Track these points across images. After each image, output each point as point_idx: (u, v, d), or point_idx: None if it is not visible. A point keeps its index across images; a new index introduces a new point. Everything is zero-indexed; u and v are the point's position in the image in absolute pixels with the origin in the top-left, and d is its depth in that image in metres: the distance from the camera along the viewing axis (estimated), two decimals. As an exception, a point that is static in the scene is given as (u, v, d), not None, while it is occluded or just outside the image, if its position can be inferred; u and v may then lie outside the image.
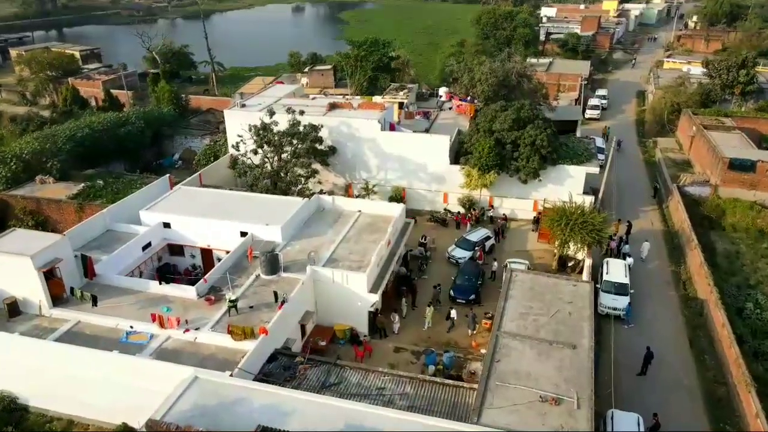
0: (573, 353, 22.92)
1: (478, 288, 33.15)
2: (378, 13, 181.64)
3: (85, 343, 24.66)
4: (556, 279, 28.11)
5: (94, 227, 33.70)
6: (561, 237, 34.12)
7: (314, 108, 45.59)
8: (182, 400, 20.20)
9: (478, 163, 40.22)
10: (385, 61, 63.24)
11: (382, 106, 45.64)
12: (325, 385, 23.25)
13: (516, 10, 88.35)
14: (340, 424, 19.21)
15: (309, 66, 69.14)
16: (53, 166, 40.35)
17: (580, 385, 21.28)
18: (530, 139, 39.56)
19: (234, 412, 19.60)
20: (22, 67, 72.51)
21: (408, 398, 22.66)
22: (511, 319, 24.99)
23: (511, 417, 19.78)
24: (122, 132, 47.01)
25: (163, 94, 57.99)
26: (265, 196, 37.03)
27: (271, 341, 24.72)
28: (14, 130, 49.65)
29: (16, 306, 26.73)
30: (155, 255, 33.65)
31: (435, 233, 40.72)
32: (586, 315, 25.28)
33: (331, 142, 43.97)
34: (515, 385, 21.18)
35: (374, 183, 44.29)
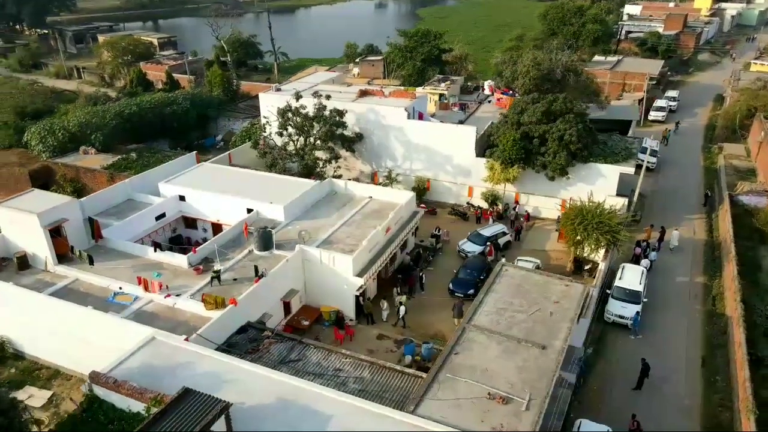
0: (540, 354, 21.37)
1: (478, 283, 31.72)
2: (457, 10, 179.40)
3: (77, 300, 26.06)
4: (548, 278, 26.35)
5: (116, 195, 35.57)
6: (574, 237, 32.01)
7: (346, 94, 45.67)
8: (134, 358, 20.85)
9: (501, 156, 38.60)
10: (435, 53, 62.18)
11: (412, 95, 44.89)
12: (284, 361, 23.15)
13: (587, 5, 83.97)
14: (272, 397, 19.03)
15: (361, 57, 69.36)
16: (96, 139, 43.06)
17: (537, 387, 19.79)
18: (559, 133, 37.44)
19: (176, 375, 19.93)
20: (103, 51, 78.07)
21: (362, 382, 22.09)
22: (486, 313, 23.70)
23: (450, 411, 18.73)
24: (167, 111, 49.37)
25: (215, 78, 60.35)
26: (280, 177, 37.54)
27: (241, 313, 24.95)
28: (78, 105, 53.41)
29: (25, 260, 28.72)
30: (169, 226, 35.00)
31: (453, 227, 39.56)
32: (568, 317, 23.50)
33: (359, 129, 43.82)
34: (466, 379, 20.04)
35: (399, 172, 43.68)
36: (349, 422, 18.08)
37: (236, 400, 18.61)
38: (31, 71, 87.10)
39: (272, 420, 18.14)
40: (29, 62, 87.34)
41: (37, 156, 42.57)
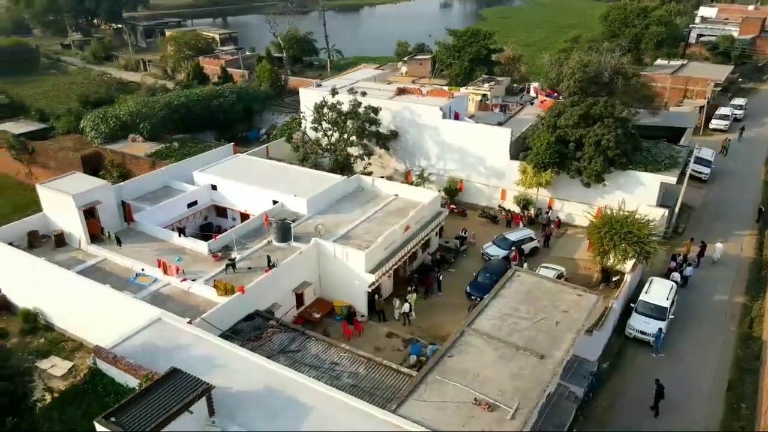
0: (538, 363, 20.65)
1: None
2: (522, 11, 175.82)
3: (102, 278, 27.55)
4: (561, 286, 25.40)
5: (154, 181, 37.22)
6: (600, 247, 30.69)
7: (384, 92, 45.79)
8: (138, 336, 21.76)
9: (534, 159, 37.54)
10: (483, 54, 61.18)
11: (450, 94, 44.40)
12: (284, 351, 23.50)
13: (652, 6, 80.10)
14: (260, 384, 19.37)
15: (409, 55, 69.24)
16: (144, 128, 45.20)
17: (528, 396, 19.16)
18: (596, 138, 36.01)
19: (174, 355, 20.63)
20: (166, 46, 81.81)
21: (356, 378, 22.11)
22: (488, 318, 23.14)
23: (432, 413, 18.44)
24: (214, 104, 51.14)
25: (263, 73, 61.95)
26: (310, 171, 38.10)
27: (249, 301, 25.52)
28: (134, 96, 56.24)
29: (62, 238, 30.57)
30: (200, 213, 36.28)
31: (482, 229, 38.88)
32: (575, 328, 22.57)
33: (394, 127, 43.82)
34: (455, 383, 19.65)
35: (432, 172, 43.33)
36: (329, 415, 18.15)
37: (224, 384, 19.16)
38: (103, 63, 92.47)
39: (255, 406, 18.47)
40: (102, 55, 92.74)
41: (90, 142, 45.18)
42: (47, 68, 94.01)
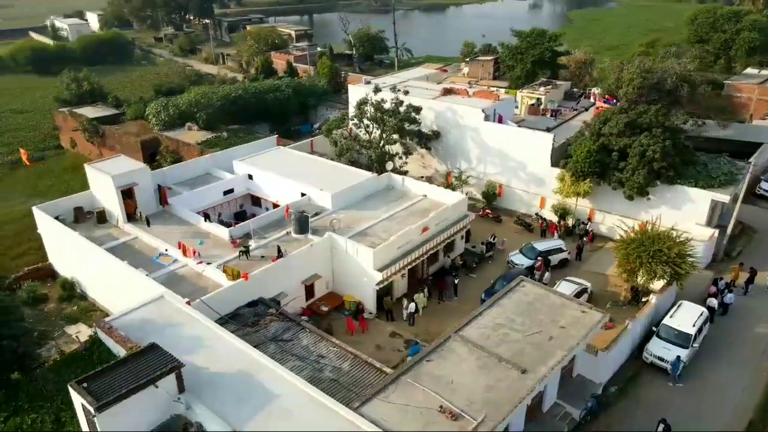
0: (518, 377, 19.82)
1: (512, 297, 30.05)
2: (615, 13, 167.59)
3: (130, 255, 29.49)
4: (567, 301, 24.14)
5: (197, 167, 39.19)
6: (626, 264, 28.82)
7: (431, 92, 45.45)
8: (139, 311, 23.05)
9: (572, 167, 35.88)
10: (547, 56, 59.00)
11: (496, 96, 43.30)
12: (276, 339, 24.05)
13: (745, 10, 73.67)
14: (235, 368, 19.97)
15: (471, 56, 68.11)
16: (200, 117, 47.64)
17: (498, 409, 18.46)
18: (640, 148, 33.87)
19: (164, 333, 21.63)
20: (243, 41, 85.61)
21: (338, 372, 22.26)
22: (479, 326, 22.46)
23: (394, 415, 18.21)
24: (270, 97, 52.96)
25: (323, 69, 63.26)
26: (343, 167, 38.55)
27: (253, 288, 26.30)
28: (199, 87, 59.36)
29: (103, 215, 32.93)
30: (235, 201, 37.78)
31: (515, 237, 37.69)
32: (569, 345, 21.43)
33: (437, 127, 43.44)
34: (426, 387, 19.29)
35: (472, 175, 42.55)
36: (291, 405, 18.40)
37: (202, 365, 19.99)
38: (188, 56, 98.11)
39: (225, 389, 19.06)
40: (187, 48, 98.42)
41: (152, 128, 48.27)
42: (139, 59, 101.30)
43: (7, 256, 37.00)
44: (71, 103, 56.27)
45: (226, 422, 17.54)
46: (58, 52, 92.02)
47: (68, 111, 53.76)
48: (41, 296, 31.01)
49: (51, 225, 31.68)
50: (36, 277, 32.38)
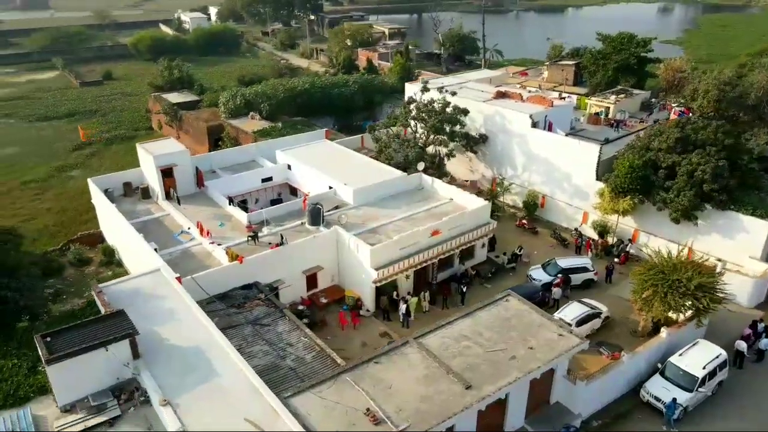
0: (459, 392, 19.07)
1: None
2: (753, 19, 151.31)
3: (156, 230, 32.01)
4: (547, 322, 22.66)
5: (243, 154, 41.36)
6: (641, 292, 26.26)
7: (485, 94, 44.22)
8: (135, 280, 25.02)
9: (613, 183, 33.31)
10: (632, 62, 54.85)
11: (550, 102, 41.13)
12: (254, 322, 24.96)
13: None
14: (193, 343, 21.06)
15: (553, 60, 64.97)
16: (263, 108, 50.07)
17: (425, 420, 17.90)
18: (689, 167, 30.70)
19: (147, 302, 23.27)
20: (333, 37, 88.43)
21: (298, 362, 22.66)
22: (443, 336, 21.84)
23: (319, 411, 18.32)
24: (335, 92, 54.35)
25: (395, 67, 63.55)
26: (379, 164, 38.60)
27: (247, 272, 27.36)
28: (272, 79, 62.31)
29: (147, 191, 35.87)
30: (273, 189, 39.36)
31: (547, 251, 35.79)
32: (528, 367, 20.17)
33: (485, 131, 42.28)
34: (361, 388, 19.15)
35: (516, 182, 40.97)
36: (228, 384, 19.06)
37: (166, 336, 21.37)
38: (287, 50, 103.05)
39: (177, 361, 20.16)
40: (287, 42, 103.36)
41: (220, 115, 51.54)
42: (245, 52, 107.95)
43: (77, 221, 41.49)
44: (162, 88, 61.54)
45: (161, 391, 18.62)
46: (174, 43, 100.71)
47: (157, 95, 58.90)
48: (86, 259, 34.46)
49: (98, 196, 35.09)
50: (87, 242, 36.00)
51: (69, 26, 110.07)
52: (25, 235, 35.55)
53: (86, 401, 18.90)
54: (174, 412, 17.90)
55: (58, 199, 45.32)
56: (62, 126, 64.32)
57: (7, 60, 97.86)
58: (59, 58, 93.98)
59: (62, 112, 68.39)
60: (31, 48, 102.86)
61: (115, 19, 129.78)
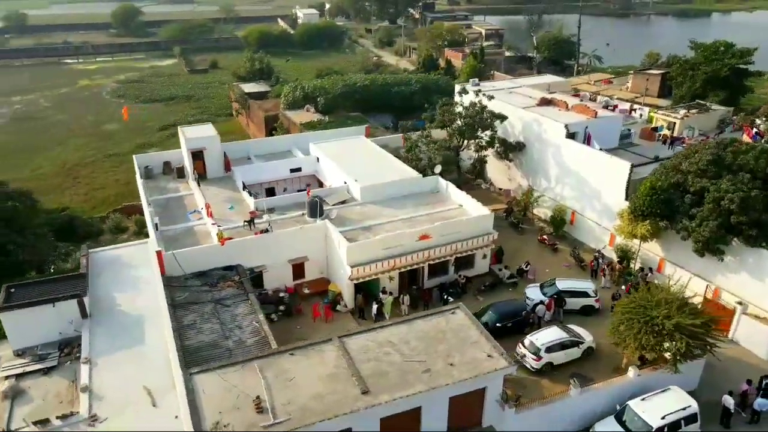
0: (354, 396, 18.82)
1: (492, 329, 27.32)
2: None
3: (176, 207, 34.66)
4: (484, 340, 21.41)
5: (281, 144, 43.18)
6: (617, 326, 23.75)
7: (531, 100, 42.17)
8: (123, 249, 27.99)
9: (632, 204, 30.40)
10: (724, 74, 49.15)
11: (593, 113, 38.17)
12: (218, 301, 26.23)
13: None
14: (141, 313, 22.85)
15: (638, 69, 59.82)
16: (318, 102, 51.77)
17: (304, 417, 17.95)
18: (717, 194, 27.18)
19: (122, 270, 25.80)
20: (423, 36, 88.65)
21: (238, 344, 23.39)
22: (369, 339, 21.60)
23: (214, 390, 18.99)
24: (393, 91, 54.68)
25: (466, 68, 62.25)
26: (401, 165, 38.27)
27: (228, 254, 28.72)
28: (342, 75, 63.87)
29: (182, 171, 38.76)
30: (301, 180, 40.71)
31: (560, 270, 33.51)
32: (440, 382, 19.35)
33: (523, 139, 40.40)
34: (264, 376, 19.59)
35: (546, 194, 38.76)
36: (149, 353, 20.58)
37: (120, 301, 23.46)
38: (384, 47, 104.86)
39: (118, 324, 22.10)
40: (385, 40, 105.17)
41: (280, 106, 54.14)
42: (346, 48, 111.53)
43: (135, 194, 45.97)
44: (245, 78, 65.79)
45: (89, 350, 20.47)
46: (280, 37, 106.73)
47: (236, 85, 63.14)
48: (123, 227, 38.23)
49: (138, 174, 38.59)
50: (128, 212, 39.88)
51: (195, 19, 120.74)
52: (94, 199, 40.31)
53: (35, 349, 21.31)
54: (89, 369, 19.61)
55: (128, 172, 50.36)
56: (160, 108, 71.18)
57: (139, 48, 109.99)
58: (179, 47, 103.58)
59: (164, 96, 75.61)
60: (160, 37, 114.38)
61: (237, 13, 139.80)
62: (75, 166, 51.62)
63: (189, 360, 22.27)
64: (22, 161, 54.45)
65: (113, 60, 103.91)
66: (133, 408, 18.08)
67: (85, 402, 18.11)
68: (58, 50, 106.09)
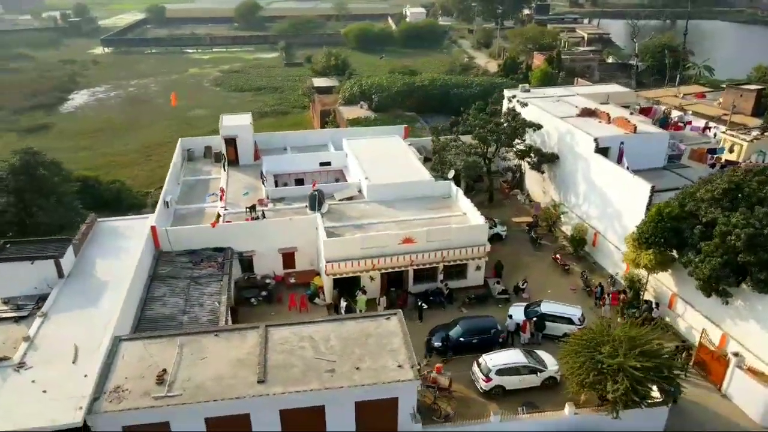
0: (249, 383, 19.29)
1: (455, 344, 26.50)
2: None
3: (200, 188, 37.40)
4: (404, 350, 20.76)
5: (318, 138, 44.46)
6: (571, 369, 21.74)
7: (574, 110, 39.55)
8: (127, 221, 30.43)
9: (637, 230, 27.62)
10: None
11: (633, 127, 34.86)
12: (194, 278, 27.98)
13: None
14: (109, 278, 25.01)
15: (733, 83, 53.17)
16: (372, 99, 52.43)
17: (196, 396, 18.79)
18: (724, 228, 23.95)
19: (118, 239, 28.25)
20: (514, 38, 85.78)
21: (193, 321, 24.94)
22: (294, 331, 21.86)
23: (132, 356, 20.36)
24: (452, 93, 53.86)
25: (537, 73, 59.32)
26: (420, 167, 37.80)
27: (218, 237, 30.46)
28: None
29: (220, 155, 41.29)
30: (330, 174, 41.66)
31: (566, 295, 31.34)
32: (333, 384, 19.25)
33: (557, 150, 38.13)
34: (179, 351, 20.68)
35: (574, 211, 36.32)
36: (96, 315, 22.48)
37: (99, 266, 25.95)
38: (481, 48, 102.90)
39: (85, 285, 24.44)
40: (482, 41, 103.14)
41: (337, 101, 55.58)
42: (443, 48, 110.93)
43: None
44: (320, 73, 68.25)
45: (50, 306, 22.93)
46: (379, 35, 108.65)
47: (308, 78, 65.70)
48: (162, 203, 41.63)
49: (177, 153, 41.69)
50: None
51: (305, 15, 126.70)
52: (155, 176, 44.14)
53: (18, 300, 24.25)
54: (40, 322, 22.02)
55: (192, 154, 54.66)
56: (247, 97, 76.02)
57: (250, 41, 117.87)
58: (283, 42, 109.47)
59: (254, 86, 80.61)
60: (272, 32, 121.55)
61: (349, 11, 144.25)
62: (153, 145, 56.86)
63: (143, 328, 24.30)
64: (117, 137, 61.21)
65: (226, 51, 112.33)
66: (57, 361, 19.97)
67: (22, 350, 20.44)
68: (180, 40, 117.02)
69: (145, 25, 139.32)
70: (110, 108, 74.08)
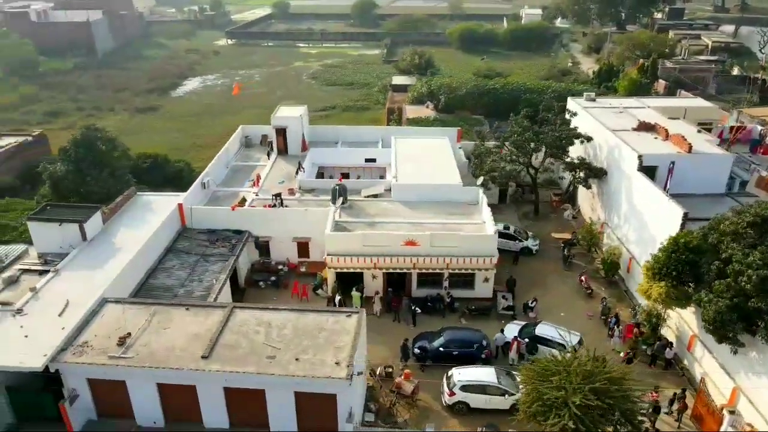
0: (195, 358, 20.44)
1: (434, 353, 25.86)
2: None
3: (244, 172, 39.56)
4: (349, 349, 20.70)
5: (371, 134, 44.98)
6: (527, 404, 20.24)
7: (633, 123, 36.41)
8: (163, 198, 32.96)
9: (652, 260, 24.99)
10: None
11: (688, 146, 31.25)
12: (203, 255, 29.85)
13: None
14: (125, 245, 27.54)
15: None
16: (440, 99, 51.94)
17: (147, 361, 20.29)
18: (737, 267, 21.03)
19: (145, 212, 30.94)
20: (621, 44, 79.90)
21: (187, 294, 26.66)
22: (256, 315, 22.77)
23: (111, 316, 22.44)
24: (523, 97, 51.73)
25: (623, 82, 54.77)
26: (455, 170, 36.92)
27: (236, 220, 32.18)
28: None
29: (271, 145, 43.52)
30: (375, 170, 42.01)
31: (579, 321, 29.26)
32: (268, 371, 19.77)
33: (606, 164, 35.43)
34: (149, 319, 22.38)
35: (613, 231, 33.62)
36: (98, 276, 24.87)
37: (121, 233, 28.70)
38: (591, 54, 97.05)
39: (101, 248, 27.11)
40: (592, 46, 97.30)
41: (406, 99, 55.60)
42: (552, 51, 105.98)
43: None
44: (404, 71, 68.66)
45: (65, 264, 25.81)
46: (484, 35, 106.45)
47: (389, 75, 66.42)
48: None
49: (234, 138, 44.13)
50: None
51: (415, 14, 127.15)
52: None
53: (48, 256, 27.56)
54: (51, 277, 24.89)
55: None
56: (336, 91, 78.38)
57: (358, 37, 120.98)
58: (388, 39, 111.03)
59: (345, 81, 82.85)
60: (381, 29, 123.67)
61: (464, 10, 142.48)
62: (234, 130, 60.79)
63: (142, 294, 26.52)
64: (210, 121, 66.35)
65: (335, 46, 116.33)
66: (48, 312, 22.56)
67: (25, 299, 23.29)
68: (294, 35, 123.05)
69: (269, 19, 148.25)
70: (213, 95, 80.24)
